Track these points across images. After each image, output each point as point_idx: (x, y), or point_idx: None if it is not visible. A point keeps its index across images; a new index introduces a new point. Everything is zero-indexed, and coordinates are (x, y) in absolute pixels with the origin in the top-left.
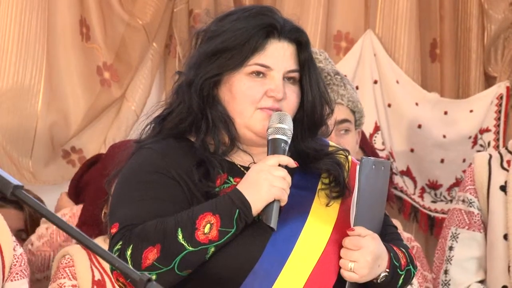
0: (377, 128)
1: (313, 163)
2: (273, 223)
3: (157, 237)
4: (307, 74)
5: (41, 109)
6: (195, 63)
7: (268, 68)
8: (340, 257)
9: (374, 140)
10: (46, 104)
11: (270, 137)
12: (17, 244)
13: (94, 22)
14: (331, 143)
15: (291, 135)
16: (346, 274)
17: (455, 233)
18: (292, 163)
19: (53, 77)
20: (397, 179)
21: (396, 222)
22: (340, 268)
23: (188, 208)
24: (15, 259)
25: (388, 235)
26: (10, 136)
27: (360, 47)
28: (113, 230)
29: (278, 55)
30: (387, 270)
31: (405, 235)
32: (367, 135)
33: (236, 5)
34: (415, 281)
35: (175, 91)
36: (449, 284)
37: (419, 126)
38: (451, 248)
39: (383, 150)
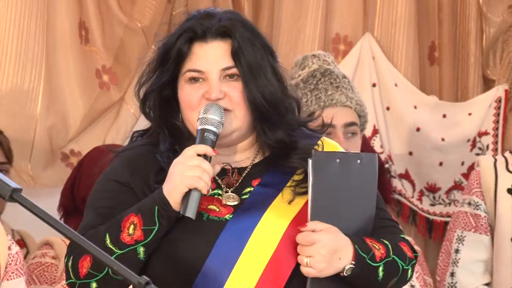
0: (375, 131)
1: (282, 159)
2: (190, 213)
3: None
4: (239, 66)
5: (40, 112)
6: (145, 79)
7: (200, 72)
8: (297, 253)
9: (373, 143)
10: (45, 107)
11: (198, 128)
12: (12, 243)
13: (93, 24)
14: (325, 140)
15: (220, 124)
16: (304, 270)
17: (461, 235)
18: (210, 152)
19: (52, 80)
20: (396, 182)
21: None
22: (296, 263)
23: None
24: (10, 258)
25: (379, 228)
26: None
27: (358, 50)
28: None
29: (207, 57)
30: (353, 262)
31: None
32: None
33: (235, 8)
34: (416, 283)
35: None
36: (455, 287)
37: (418, 129)
38: (457, 251)
39: (381, 153)
